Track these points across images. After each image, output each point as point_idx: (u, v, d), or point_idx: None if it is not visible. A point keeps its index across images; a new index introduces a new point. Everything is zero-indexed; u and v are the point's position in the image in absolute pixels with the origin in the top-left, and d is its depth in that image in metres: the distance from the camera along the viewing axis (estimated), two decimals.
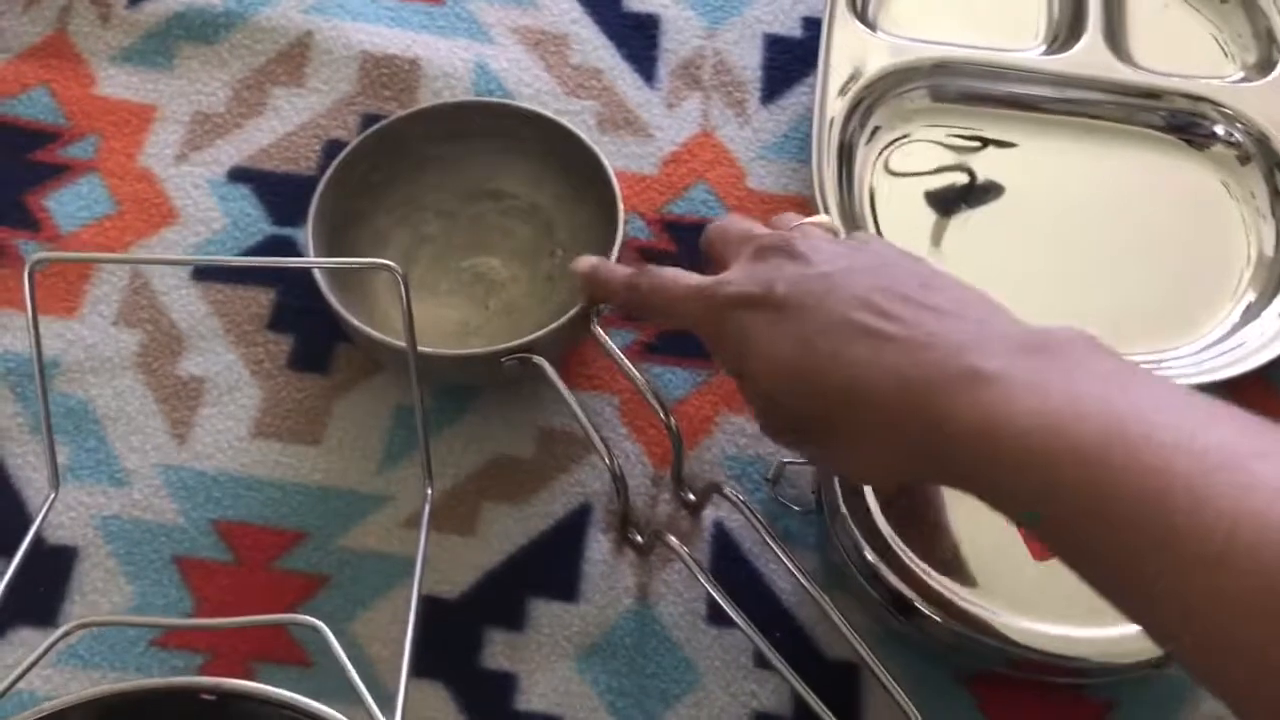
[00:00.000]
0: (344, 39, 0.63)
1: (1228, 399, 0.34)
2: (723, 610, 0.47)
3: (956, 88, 0.61)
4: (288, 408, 0.53)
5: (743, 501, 0.49)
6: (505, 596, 0.50)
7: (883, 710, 0.47)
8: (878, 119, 0.60)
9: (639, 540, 0.51)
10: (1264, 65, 0.63)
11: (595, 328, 0.49)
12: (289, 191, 0.58)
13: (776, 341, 0.38)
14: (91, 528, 0.50)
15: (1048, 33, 0.64)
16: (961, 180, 0.59)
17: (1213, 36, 0.64)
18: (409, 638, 0.41)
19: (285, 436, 0.53)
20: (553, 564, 0.51)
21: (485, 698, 0.48)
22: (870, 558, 0.47)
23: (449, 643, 0.49)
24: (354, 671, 0.37)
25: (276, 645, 0.48)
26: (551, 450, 0.53)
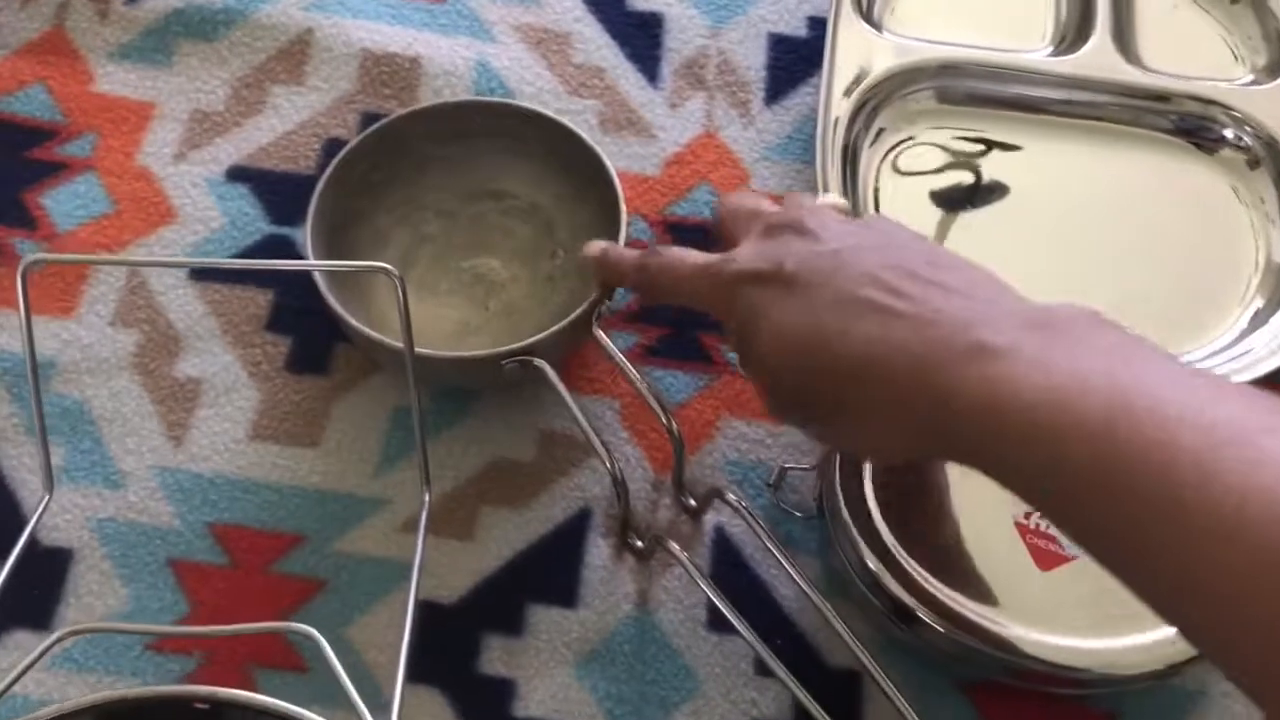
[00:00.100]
0: (344, 36, 0.62)
1: None
2: (723, 617, 0.46)
3: (963, 89, 0.60)
4: (285, 409, 0.53)
5: (744, 507, 0.49)
6: (504, 602, 0.49)
7: (885, 719, 0.46)
8: (883, 120, 0.60)
9: (639, 545, 0.50)
10: (1274, 68, 0.62)
11: (597, 330, 0.49)
12: (288, 191, 0.58)
13: (785, 317, 0.38)
14: (87, 530, 0.50)
15: (1055, 34, 0.63)
16: (967, 182, 0.59)
17: (1222, 39, 0.63)
18: (405, 643, 0.41)
19: (282, 438, 0.52)
20: (552, 569, 0.50)
21: (483, 704, 0.47)
22: (872, 565, 0.47)
23: (446, 648, 0.48)
24: (348, 680, 0.37)
25: (273, 650, 0.48)
26: (551, 454, 0.53)
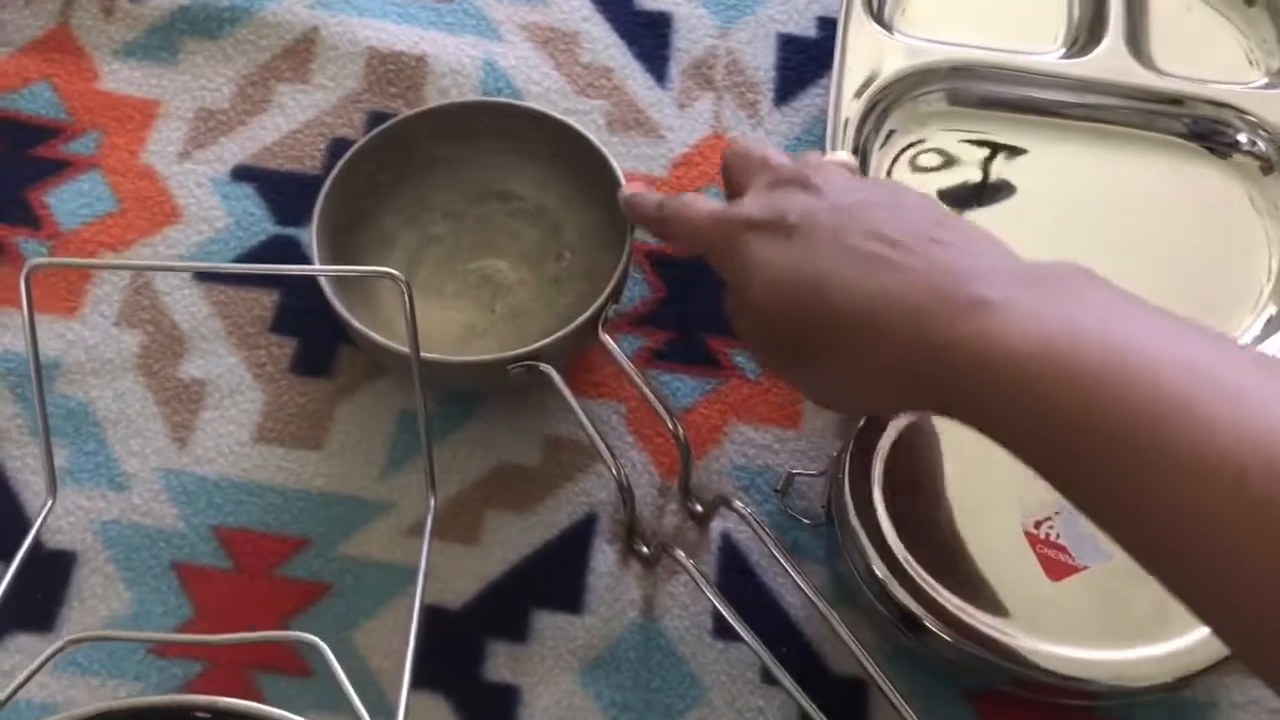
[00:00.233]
0: (350, 35, 0.61)
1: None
2: (729, 624, 0.46)
3: (974, 91, 0.60)
4: (290, 412, 0.53)
5: (751, 515, 0.48)
6: (509, 607, 0.49)
7: None
8: (893, 122, 0.59)
9: (645, 551, 0.50)
10: None
11: (603, 334, 0.49)
12: (293, 191, 0.58)
13: (782, 265, 0.39)
14: (90, 532, 0.49)
15: (1067, 36, 0.62)
16: (977, 184, 0.58)
17: (1237, 41, 0.63)
18: (410, 649, 0.41)
19: (287, 441, 0.52)
20: (557, 575, 0.50)
21: (487, 711, 0.47)
22: (880, 573, 0.46)
23: (451, 654, 0.48)
24: (351, 689, 0.36)
25: (276, 655, 0.47)
26: (557, 458, 0.52)
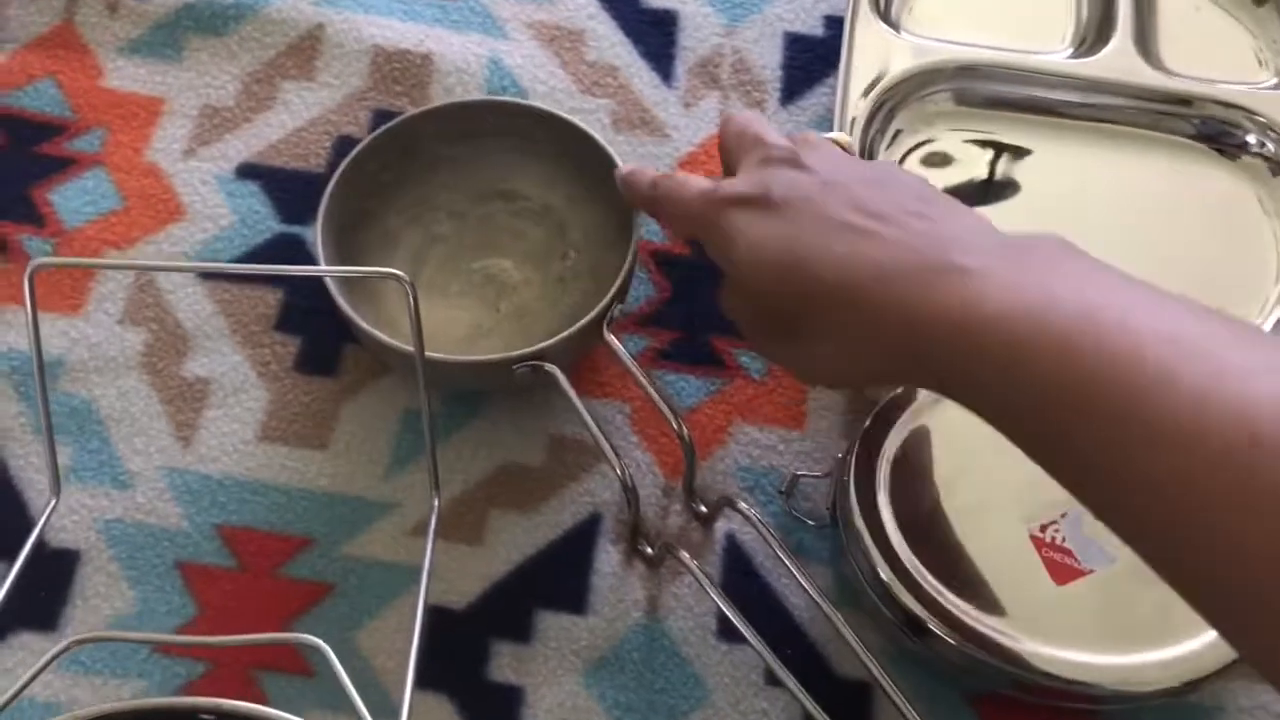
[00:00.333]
0: (355, 32, 0.61)
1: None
2: (733, 625, 0.46)
3: (981, 91, 0.59)
4: (294, 410, 0.52)
5: (756, 516, 0.48)
6: (513, 608, 0.49)
7: None
8: (900, 122, 0.59)
9: (649, 552, 0.50)
10: None
11: (608, 334, 0.49)
12: (298, 189, 0.57)
13: (764, 236, 0.39)
14: (94, 531, 0.49)
15: (1075, 36, 0.62)
16: (984, 184, 0.58)
17: (1247, 42, 0.62)
18: (414, 649, 0.41)
19: (291, 440, 0.52)
20: (561, 575, 0.50)
21: (491, 711, 0.47)
22: (884, 575, 0.46)
23: (455, 654, 0.48)
24: (354, 692, 0.36)
25: (280, 655, 0.47)
26: (561, 458, 0.52)
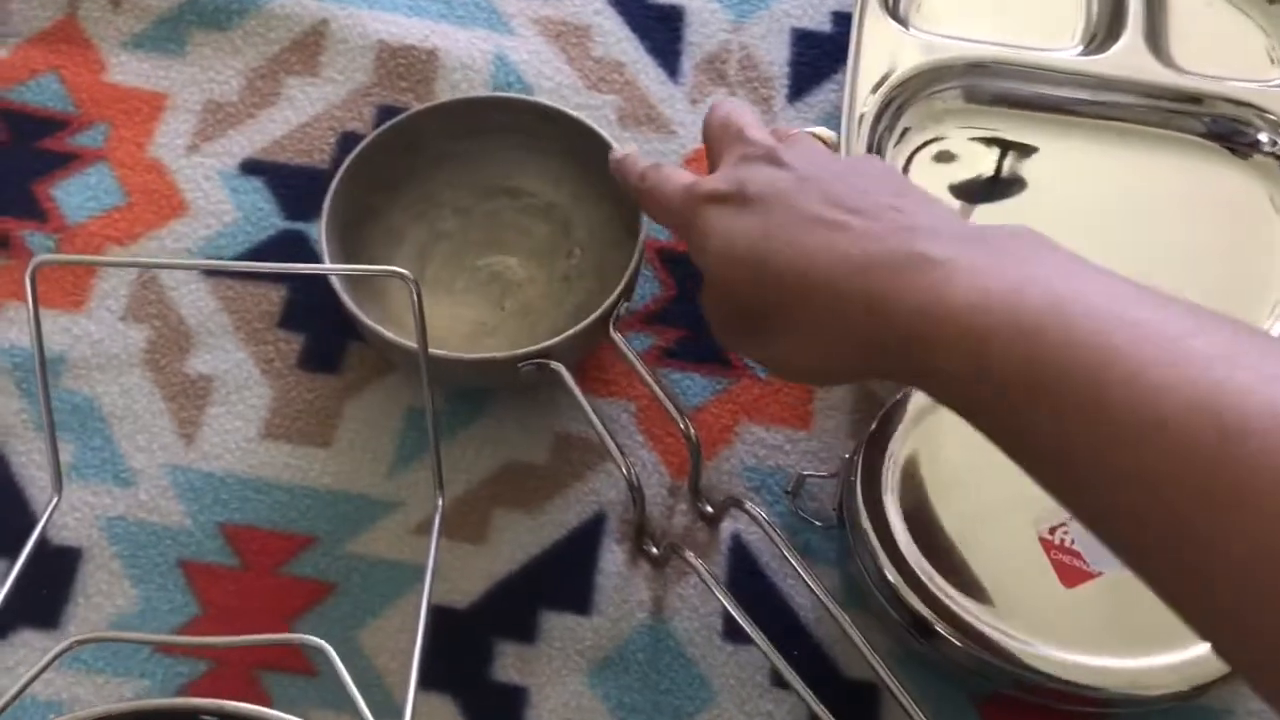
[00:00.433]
0: (360, 28, 0.61)
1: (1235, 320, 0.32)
2: (739, 626, 0.45)
3: (990, 88, 0.59)
4: (298, 408, 0.52)
5: (762, 517, 0.48)
6: (517, 607, 0.49)
7: None
8: (908, 119, 0.58)
9: (654, 552, 0.50)
10: None
11: (614, 332, 0.48)
12: (302, 185, 0.57)
13: (736, 231, 0.39)
14: (96, 529, 0.49)
15: (1085, 33, 0.61)
16: (992, 182, 0.58)
17: (1259, 39, 0.62)
18: (418, 649, 0.40)
19: (295, 438, 0.51)
20: (565, 575, 0.49)
21: (495, 711, 0.47)
22: (891, 577, 0.46)
23: (459, 654, 0.48)
24: (356, 692, 0.36)
25: (283, 654, 0.47)
26: (566, 457, 0.52)
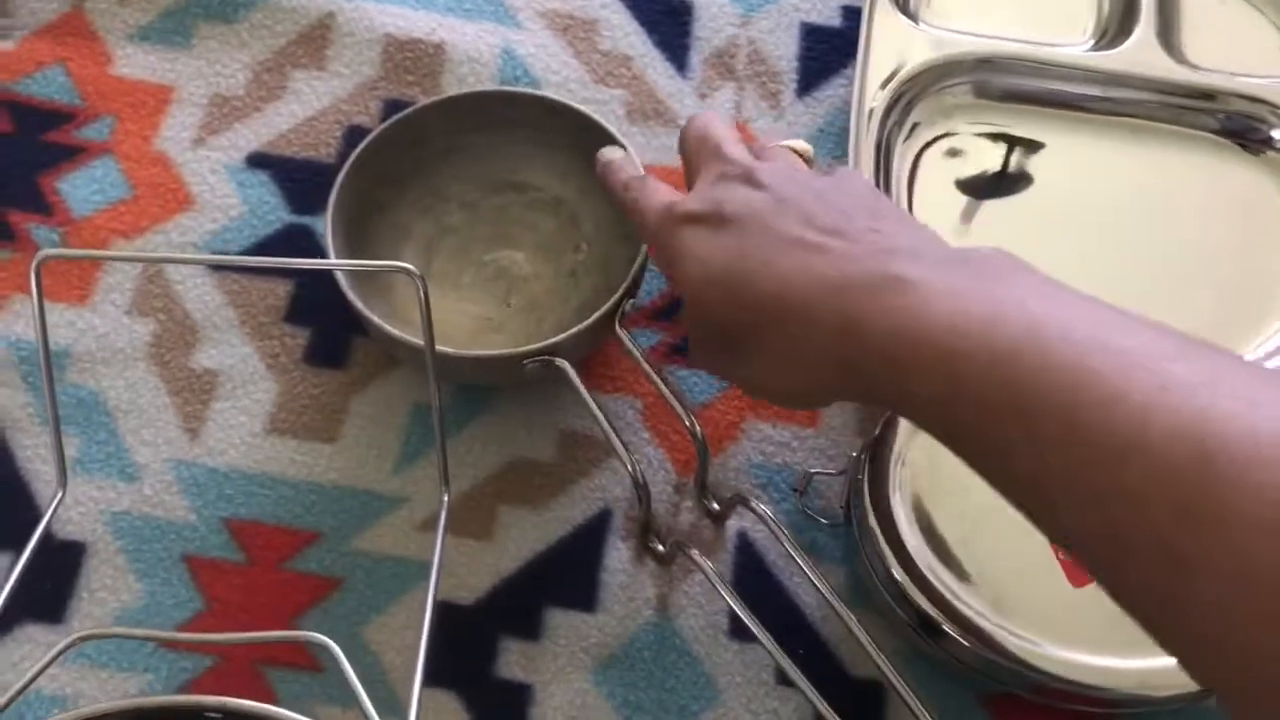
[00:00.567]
0: (367, 21, 0.61)
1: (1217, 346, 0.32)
2: (745, 624, 0.45)
3: (1001, 84, 0.58)
4: (303, 403, 0.52)
5: (770, 516, 0.47)
6: (522, 604, 0.49)
7: None
8: (917, 115, 0.58)
9: (660, 549, 0.49)
10: None
11: (619, 329, 0.48)
12: (308, 179, 0.57)
13: (713, 251, 0.39)
14: (101, 523, 0.49)
15: (1096, 28, 0.61)
16: (1002, 179, 0.57)
17: (1272, 35, 0.61)
18: (423, 645, 0.40)
19: (300, 433, 0.51)
20: (571, 572, 0.49)
21: (499, 709, 0.47)
22: (898, 575, 0.46)
23: (463, 651, 0.47)
24: (361, 690, 0.36)
25: (287, 650, 0.47)
26: (572, 453, 0.52)
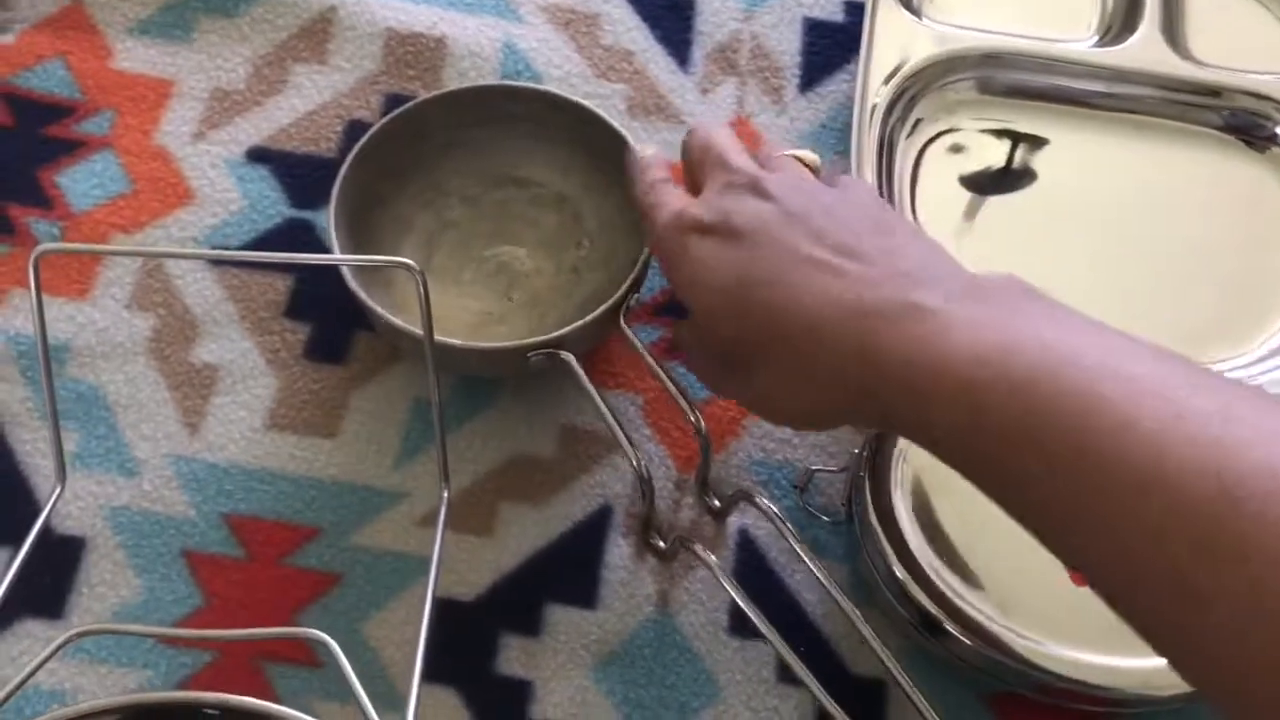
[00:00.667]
0: (368, 15, 0.60)
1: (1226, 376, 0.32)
2: (746, 621, 0.45)
3: (1004, 80, 0.58)
4: (303, 398, 0.52)
5: (774, 511, 0.47)
6: (522, 600, 0.48)
7: None
8: (920, 110, 0.58)
9: (661, 546, 0.49)
10: None
11: (623, 324, 0.48)
12: (309, 173, 0.57)
13: (721, 265, 0.38)
14: (100, 518, 0.49)
15: (1101, 24, 0.61)
16: (1005, 175, 0.57)
17: (1278, 31, 0.61)
18: (422, 641, 0.40)
19: (300, 428, 0.51)
20: (571, 568, 0.49)
21: (499, 705, 0.47)
22: (900, 573, 0.46)
23: (463, 647, 0.47)
24: (359, 687, 0.36)
25: (286, 645, 0.47)
26: (573, 449, 0.51)
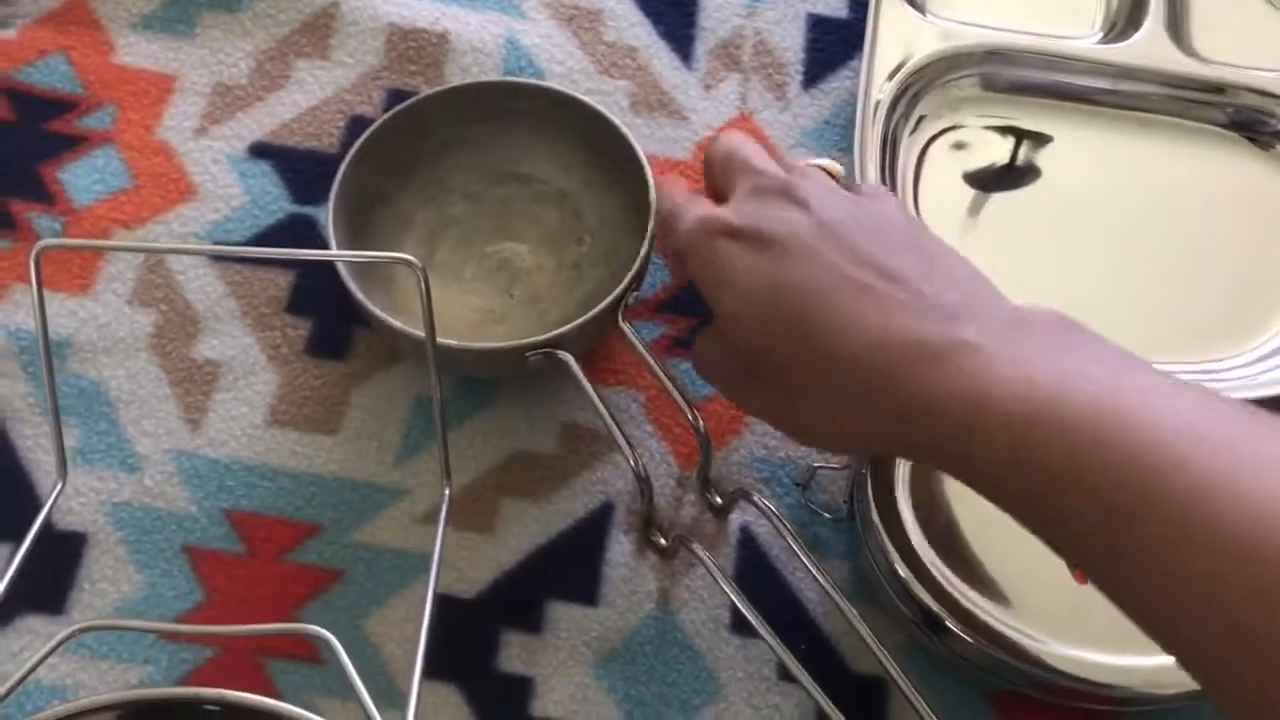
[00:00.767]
0: (371, 10, 0.60)
1: (1276, 415, 0.32)
2: (747, 619, 0.45)
3: (1008, 76, 0.58)
4: (304, 395, 0.52)
5: (771, 510, 0.47)
6: (523, 597, 0.48)
7: None
8: (924, 107, 0.57)
9: (662, 543, 0.49)
10: None
11: (623, 322, 0.48)
12: (310, 169, 0.57)
13: (755, 276, 0.38)
14: (102, 514, 0.49)
15: (1105, 21, 0.60)
16: (1009, 172, 0.57)
17: None
18: (423, 638, 0.40)
19: (301, 425, 0.51)
20: (572, 565, 0.49)
21: (500, 702, 0.47)
22: (901, 571, 0.45)
23: (464, 644, 0.47)
24: (359, 683, 0.36)
25: (288, 641, 0.47)
26: (574, 446, 0.51)
